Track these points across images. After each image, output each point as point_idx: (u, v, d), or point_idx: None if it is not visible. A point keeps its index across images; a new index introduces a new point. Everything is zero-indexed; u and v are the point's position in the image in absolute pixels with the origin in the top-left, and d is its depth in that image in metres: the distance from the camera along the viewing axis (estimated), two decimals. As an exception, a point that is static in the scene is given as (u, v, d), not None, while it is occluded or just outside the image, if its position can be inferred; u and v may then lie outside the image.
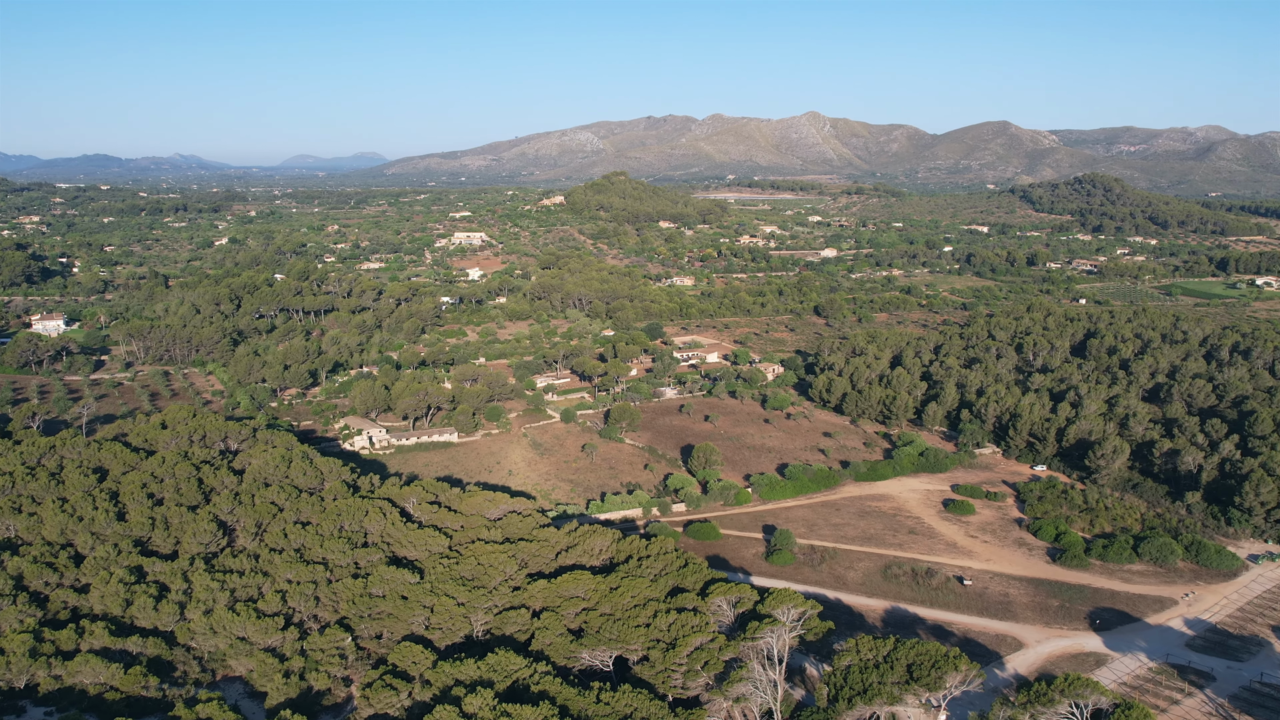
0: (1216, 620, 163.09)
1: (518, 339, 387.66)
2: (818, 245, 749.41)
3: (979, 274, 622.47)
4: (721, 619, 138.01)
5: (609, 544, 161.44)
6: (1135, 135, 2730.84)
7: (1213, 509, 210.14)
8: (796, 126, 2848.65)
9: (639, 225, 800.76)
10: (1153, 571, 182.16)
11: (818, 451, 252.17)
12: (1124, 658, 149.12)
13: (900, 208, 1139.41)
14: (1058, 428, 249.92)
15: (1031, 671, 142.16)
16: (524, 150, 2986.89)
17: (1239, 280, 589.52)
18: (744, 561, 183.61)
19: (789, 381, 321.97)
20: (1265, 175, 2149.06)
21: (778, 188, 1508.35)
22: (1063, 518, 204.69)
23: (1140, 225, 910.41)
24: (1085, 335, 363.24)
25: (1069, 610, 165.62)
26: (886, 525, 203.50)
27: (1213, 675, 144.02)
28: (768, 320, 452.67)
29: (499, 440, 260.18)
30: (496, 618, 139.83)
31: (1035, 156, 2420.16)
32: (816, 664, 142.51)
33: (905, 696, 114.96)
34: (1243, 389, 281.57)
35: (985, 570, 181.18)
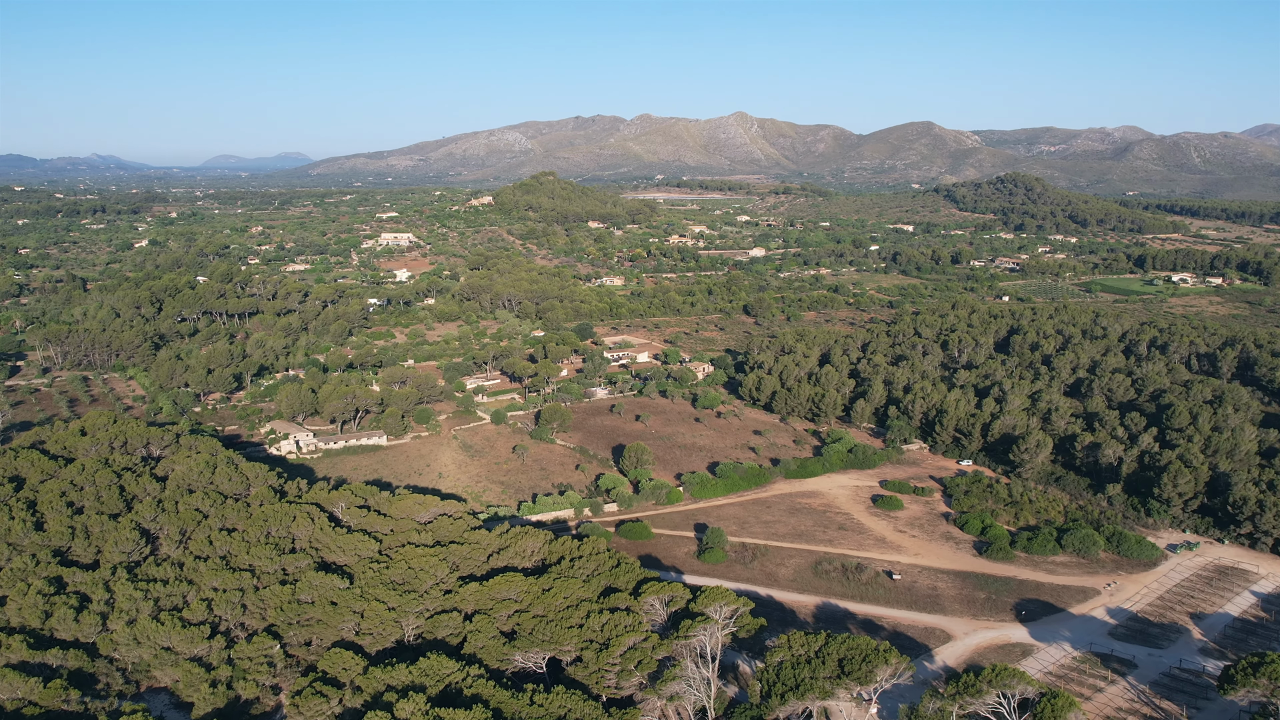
0: (1137, 609, 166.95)
1: (447, 340, 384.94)
2: (746, 245, 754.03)
3: (905, 272, 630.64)
4: (654, 618, 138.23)
5: (541, 545, 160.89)
6: (1055, 135, 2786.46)
7: (1133, 500, 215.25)
8: (724, 127, 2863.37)
9: (568, 225, 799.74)
10: (1076, 562, 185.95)
11: (748, 450, 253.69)
12: (1049, 648, 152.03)
13: (827, 207, 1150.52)
14: (983, 423, 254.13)
15: (960, 663, 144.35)
16: (452, 150, 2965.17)
17: (1156, 277, 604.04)
18: (676, 560, 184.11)
19: (719, 380, 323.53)
20: (1180, 175, 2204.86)
21: (706, 188, 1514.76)
22: (988, 511, 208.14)
23: (1061, 224, 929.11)
24: (1009, 332, 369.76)
25: (995, 602, 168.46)
26: (817, 522, 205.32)
27: (1134, 663, 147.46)
28: (697, 319, 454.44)
29: (429, 443, 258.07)
30: (428, 622, 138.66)
31: (959, 156, 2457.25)
32: (749, 661, 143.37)
33: (837, 691, 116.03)
34: (1160, 383, 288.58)
35: (914, 564, 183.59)
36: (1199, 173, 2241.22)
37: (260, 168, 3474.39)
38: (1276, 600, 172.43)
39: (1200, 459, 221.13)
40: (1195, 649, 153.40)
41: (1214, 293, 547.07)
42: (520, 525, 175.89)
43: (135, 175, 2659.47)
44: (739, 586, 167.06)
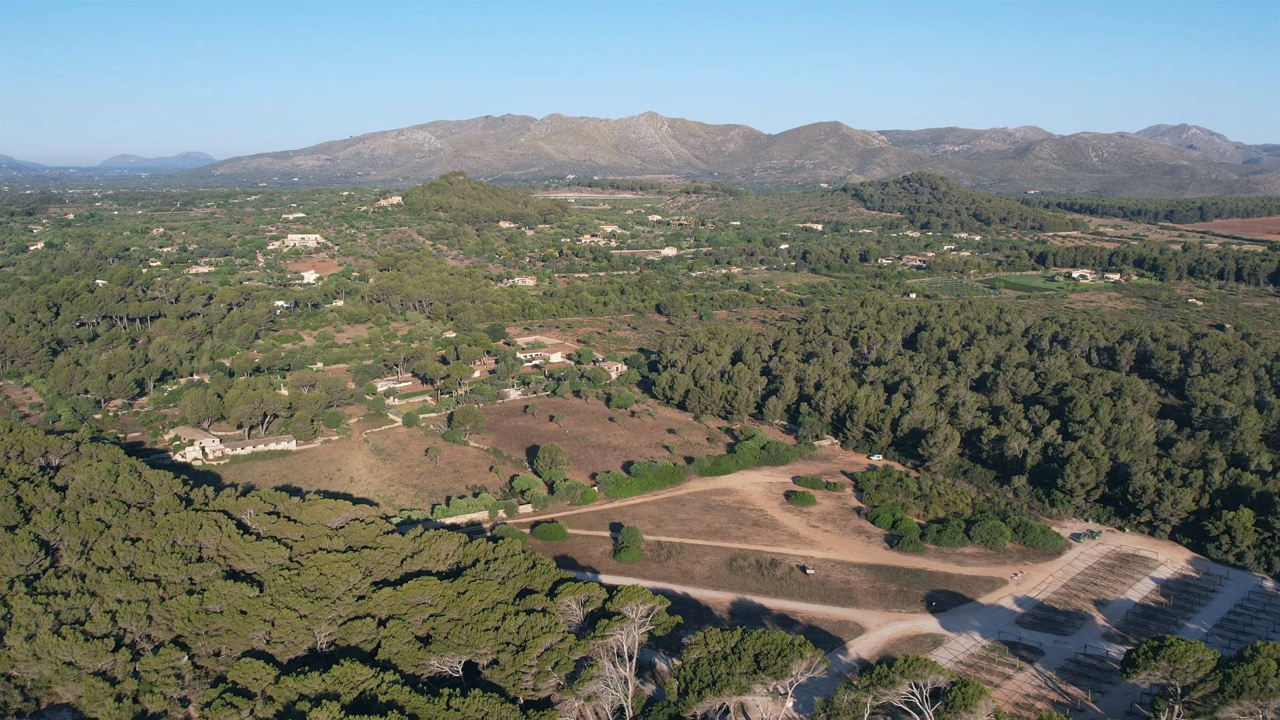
0: (1044, 597, 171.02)
1: (357, 343, 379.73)
2: (658, 244, 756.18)
3: (815, 271, 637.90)
4: (571, 619, 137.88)
5: (455, 548, 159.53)
6: (959, 135, 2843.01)
7: (1038, 491, 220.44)
8: (635, 126, 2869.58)
9: (479, 226, 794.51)
10: (984, 553, 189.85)
11: (662, 448, 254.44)
12: (959, 637, 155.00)
13: (738, 206, 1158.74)
14: (892, 418, 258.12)
15: (873, 655, 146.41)
16: (359, 150, 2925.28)
17: (1057, 273, 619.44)
18: (592, 560, 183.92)
19: (633, 380, 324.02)
20: (1079, 173, 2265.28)
21: (617, 187, 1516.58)
22: (899, 505, 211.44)
23: (965, 222, 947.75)
24: (916, 328, 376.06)
25: (907, 594, 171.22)
26: (731, 518, 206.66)
27: (1041, 650, 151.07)
28: (610, 319, 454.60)
29: (339, 447, 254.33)
30: (341, 628, 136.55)
31: (866, 156, 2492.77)
32: (666, 659, 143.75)
33: (753, 686, 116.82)
34: (1062, 376, 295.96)
35: (827, 559, 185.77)
36: (1097, 172, 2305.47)
37: (161, 168, 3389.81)
38: (1175, 585, 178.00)
39: (1101, 450, 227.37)
40: (1099, 635, 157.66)
41: (1112, 288, 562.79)
42: (434, 529, 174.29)
43: (29, 175, 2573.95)
44: (655, 585, 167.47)
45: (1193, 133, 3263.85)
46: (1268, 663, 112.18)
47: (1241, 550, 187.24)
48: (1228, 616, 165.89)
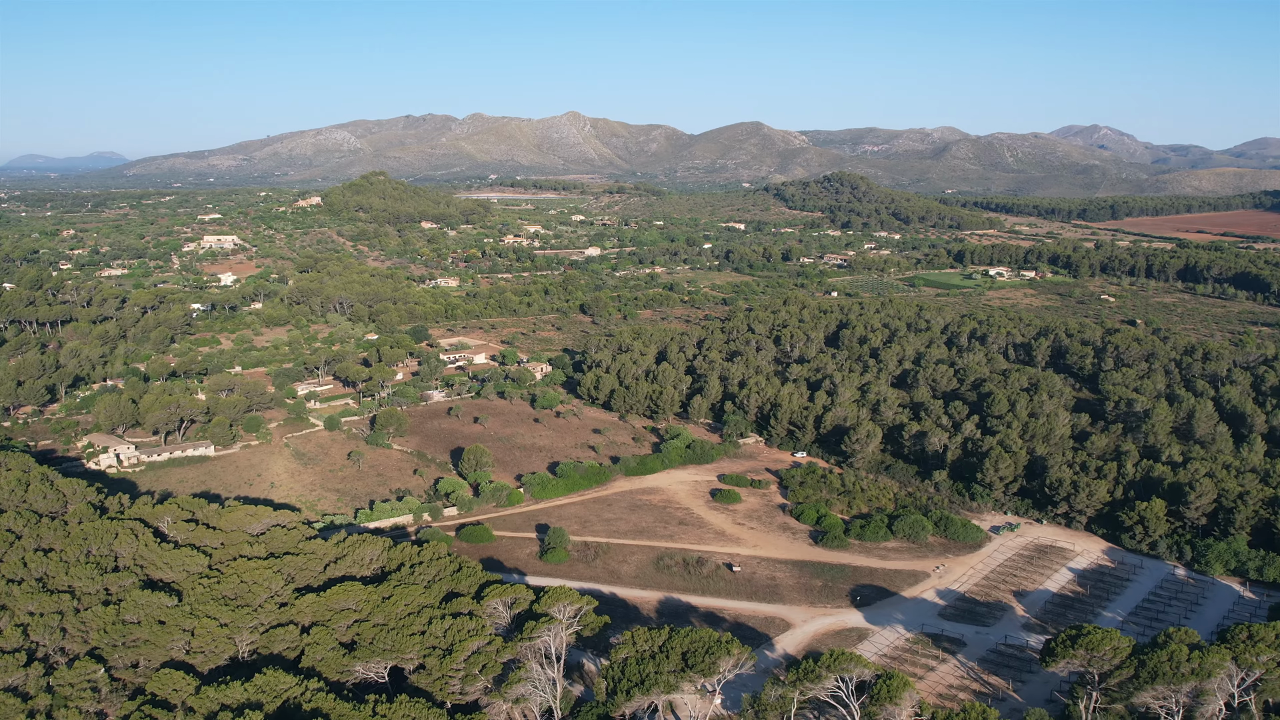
0: (965, 589, 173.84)
1: (276, 346, 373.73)
2: (582, 244, 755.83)
3: (738, 270, 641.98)
4: (498, 621, 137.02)
5: (380, 553, 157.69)
6: (878, 136, 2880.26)
7: (958, 485, 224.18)
8: (557, 126, 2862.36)
9: (400, 226, 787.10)
10: (907, 547, 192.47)
11: (588, 448, 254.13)
12: (884, 631, 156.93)
13: (661, 206, 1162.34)
14: (816, 415, 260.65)
15: (800, 650, 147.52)
16: (277, 150, 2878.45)
17: (974, 271, 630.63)
18: (519, 562, 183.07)
19: (557, 380, 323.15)
20: (994, 173, 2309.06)
21: (540, 187, 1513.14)
22: (823, 501, 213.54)
23: (885, 221, 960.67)
24: (838, 326, 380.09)
25: (832, 589, 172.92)
26: (657, 517, 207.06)
27: (963, 641, 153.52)
28: (534, 320, 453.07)
29: (259, 452, 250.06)
30: (263, 636, 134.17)
31: (787, 156, 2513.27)
32: (594, 659, 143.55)
33: (681, 684, 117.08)
34: (981, 372, 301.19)
35: (753, 556, 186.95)
36: (1012, 171, 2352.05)
37: (71, 168, 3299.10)
38: (1091, 575, 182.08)
39: (1019, 444, 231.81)
40: (1019, 625, 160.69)
41: (1028, 285, 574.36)
42: (358, 533, 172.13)
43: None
44: (582, 585, 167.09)
45: (1104, 133, 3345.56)
46: (1180, 648, 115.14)
47: (1154, 540, 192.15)
48: (1142, 604, 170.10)
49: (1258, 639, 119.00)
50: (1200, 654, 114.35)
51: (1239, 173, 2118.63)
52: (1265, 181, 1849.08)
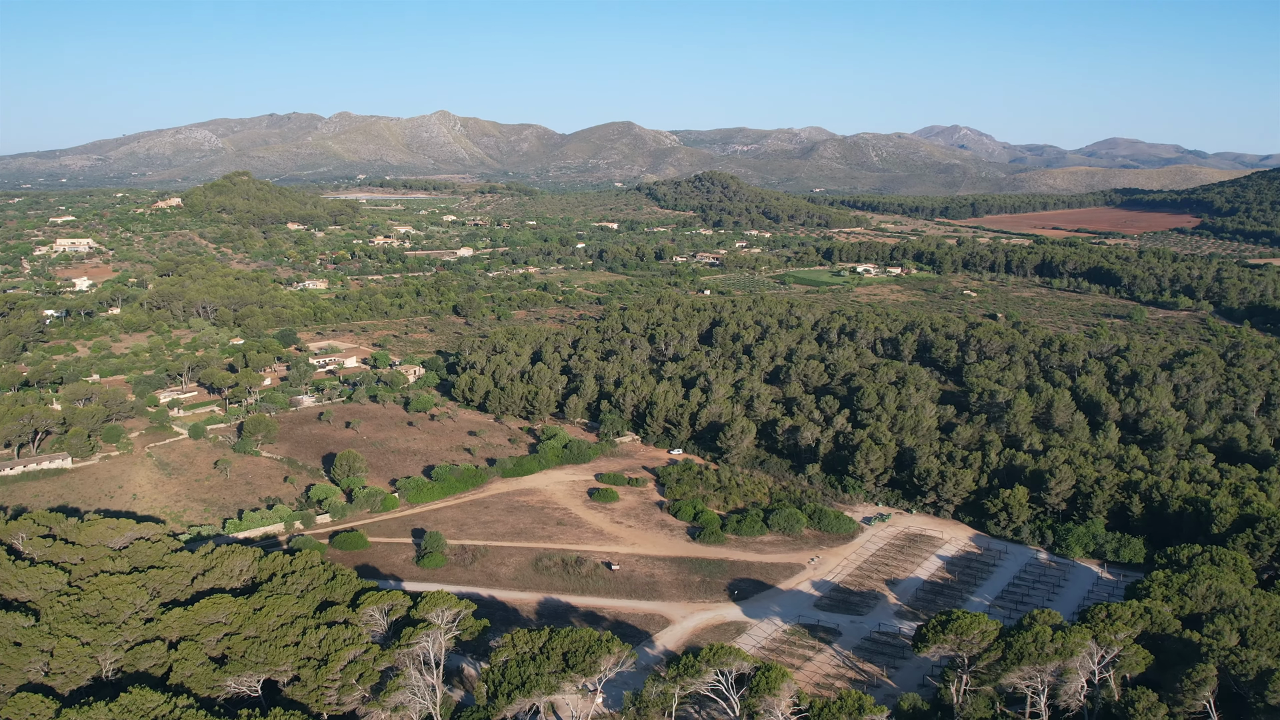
0: (839, 580, 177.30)
1: (136, 352, 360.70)
2: (454, 245, 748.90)
3: (611, 269, 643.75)
4: (375, 629, 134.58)
5: (250, 563, 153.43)
6: (748, 136, 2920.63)
7: (831, 478, 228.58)
8: (427, 126, 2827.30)
9: (266, 228, 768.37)
10: (782, 541, 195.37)
11: (464, 451, 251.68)
12: (762, 623, 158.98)
13: (533, 206, 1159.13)
14: (691, 412, 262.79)
15: (680, 646, 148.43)
16: (134, 149, 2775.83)
17: (843, 268, 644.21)
18: (395, 568, 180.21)
19: (431, 382, 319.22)
20: (860, 172, 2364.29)
21: (410, 187, 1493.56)
22: (700, 497, 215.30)
23: (756, 219, 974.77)
24: (711, 324, 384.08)
25: (710, 584, 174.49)
26: (535, 518, 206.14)
27: (839, 631, 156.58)
28: (406, 322, 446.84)
29: (120, 463, 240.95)
30: (128, 654, 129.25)
31: (659, 156, 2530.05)
32: (474, 663, 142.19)
33: (563, 685, 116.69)
34: (851, 367, 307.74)
35: (632, 554, 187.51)
36: (877, 170, 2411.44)
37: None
38: (960, 562, 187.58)
39: (888, 436, 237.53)
40: (892, 613, 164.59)
41: (894, 282, 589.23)
42: (227, 544, 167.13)
43: None
44: (461, 589, 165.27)
45: (964, 133, 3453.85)
46: (1044, 630, 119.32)
47: (1018, 525, 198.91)
48: (1007, 588, 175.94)
49: (1115, 618, 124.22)
50: (1063, 634, 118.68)
51: (1091, 171, 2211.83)
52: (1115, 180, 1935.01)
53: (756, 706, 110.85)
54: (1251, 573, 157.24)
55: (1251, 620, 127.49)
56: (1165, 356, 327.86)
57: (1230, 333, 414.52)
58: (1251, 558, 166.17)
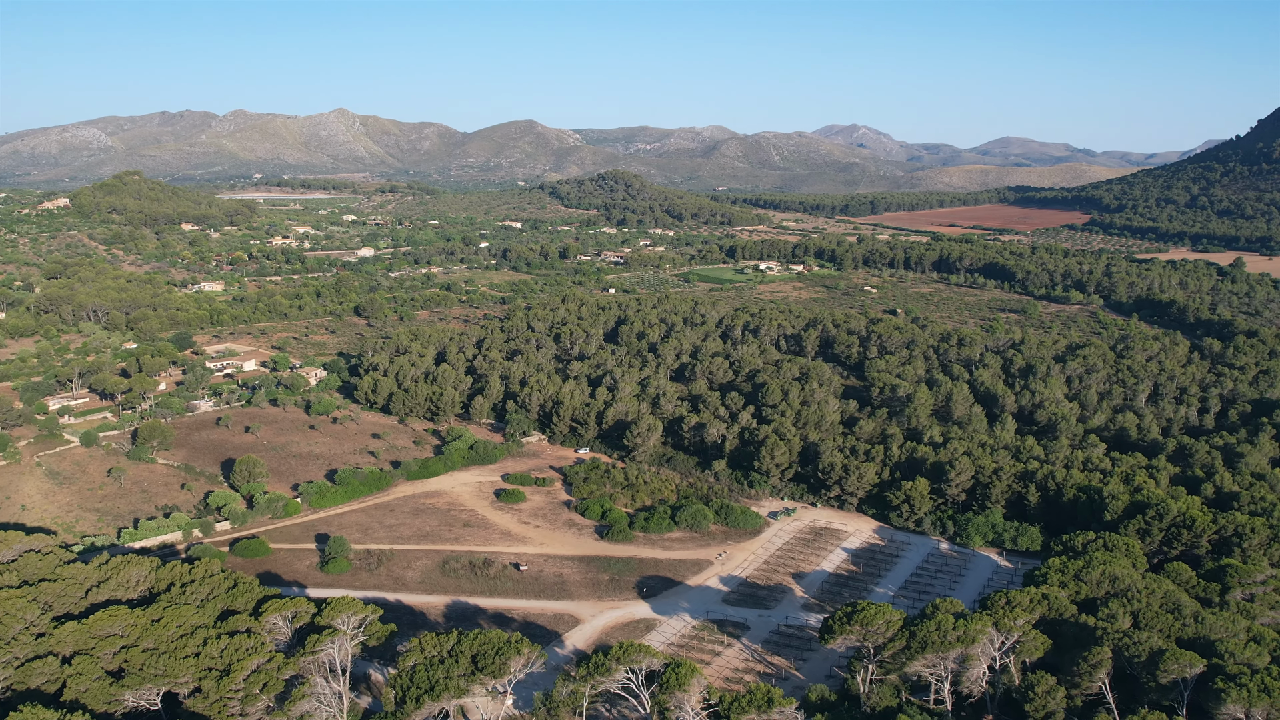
0: (747, 575, 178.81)
1: (23, 358, 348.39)
2: (354, 245, 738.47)
3: (515, 268, 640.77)
4: (279, 637, 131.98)
5: (147, 573, 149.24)
6: (651, 134, 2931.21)
7: (737, 474, 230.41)
8: (325, 124, 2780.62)
9: (159, 229, 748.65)
10: (690, 537, 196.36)
11: (368, 454, 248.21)
12: (671, 620, 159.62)
13: (436, 205, 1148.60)
14: (597, 411, 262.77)
15: (589, 645, 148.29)
16: (17, 148, 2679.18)
17: (746, 266, 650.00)
18: (298, 574, 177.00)
19: (333, 385, 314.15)
20: (762, 171, 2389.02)
21: (309, 187, 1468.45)
22: (607, 496, 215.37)
23: (659, 218, 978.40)
24: (616, 322, 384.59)
25: (619, 582, 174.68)
26: (442, 521, 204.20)
27: (747, 625, 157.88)
28: (307, 323, 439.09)
29: (7, 473, 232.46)
30: (18, 671, 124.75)
31: (562, 154, 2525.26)
32: (382, 668, 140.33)
33: (472, 687, 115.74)
34: (755, 364, 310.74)
35: (540, 554, 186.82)
36: (779, 169, 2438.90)
37: None
38: (864, 554, 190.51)
39: (793, 431, 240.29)
40: (799, 606, 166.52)
41: (797, 279, 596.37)
42: (122, 554, 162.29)
43: None
44: (367, 594, 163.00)
45: (863, 132, 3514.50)
46: (946, 618, 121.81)
47: (920, 517, 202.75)
48: (910, 578, 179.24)
49: (1015, 604, 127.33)
50: (965, 622, 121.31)
51: (985, 169, 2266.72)
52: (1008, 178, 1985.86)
53: (667, 703, 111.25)
54: (1143, 557, 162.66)
55: (1143, 603, 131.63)
56: (1058, 349, 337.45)
57: (1120, 325, 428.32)
58: (1142, 543, 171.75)
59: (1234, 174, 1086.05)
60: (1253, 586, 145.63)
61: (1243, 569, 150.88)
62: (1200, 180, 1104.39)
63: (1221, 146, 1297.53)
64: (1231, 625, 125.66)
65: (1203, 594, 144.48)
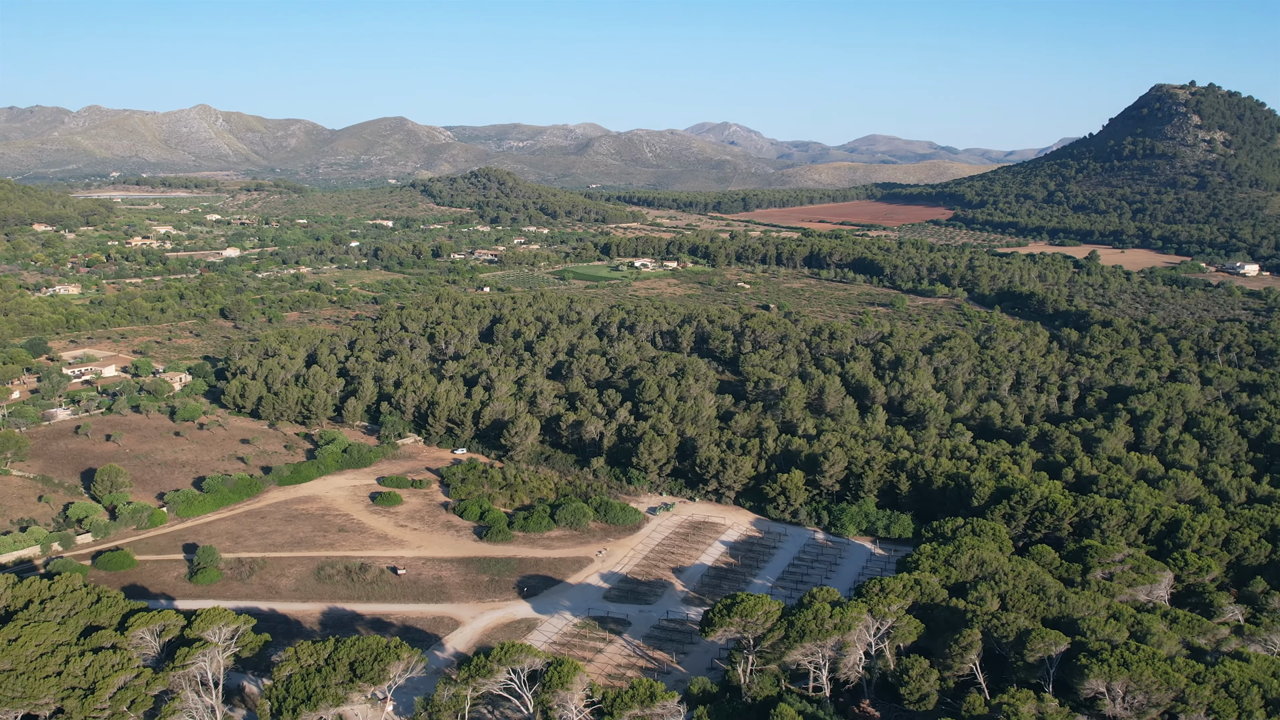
0: (627, 571, 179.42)
1: None
2: (219, 245, 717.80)
3: (387, 268, 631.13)
4: (146, 652, 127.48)
5: (2, 591, 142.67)
6: (523, 132, 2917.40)
7: (615, 471, 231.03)
8: (187, 120, 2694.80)
9: (9, 229, 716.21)
10: (570, 535, 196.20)
11: (237, 460, 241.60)
12: (552, 618, 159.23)
13: (304, 204, 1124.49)
14: (474, 411, 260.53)
15: (470, 647, 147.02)
16: None
17: (621, 263, 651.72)
18: (166, 586, 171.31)
19: (200, 390, 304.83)
20: (635, 168, 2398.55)
21: (170, 185, 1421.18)
22: (486, 496, 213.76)
23: (533, 215, 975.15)
24: (492, 321, 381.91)
25: (499, 583, 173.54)
26: (316, 526, 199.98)
27: (629, 621, 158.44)
28: (170, 327, 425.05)
29: None
30: None
31: (433, 152, 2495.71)
32: (256, 680, 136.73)
33: (351, 695, 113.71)
34: (631, 361, 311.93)
35: (418, 557, 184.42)
36: (652, 166, 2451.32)
37: None
38: (742, 546, 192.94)
39: (670, 427, 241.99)
40: (679, 600, 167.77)
41: (671, 275, 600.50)
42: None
43: None
44: (239, 604, 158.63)
45: (734, 130, 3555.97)
46: (823, 606, 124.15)
47: (796, 508, 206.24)
48: (788, 569, 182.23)
49: (888, 591, 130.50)
50: (841, 610, 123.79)
51: (853, 167, 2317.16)
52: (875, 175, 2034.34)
53: (550, 702, 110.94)
54: (1009, 541, 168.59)
55: (1010, 585, 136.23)
56: (925, 341, 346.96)
57: (983, 317, 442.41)
58: (1008, 527, 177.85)
59: (1088, 171, 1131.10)
60: (1111, 565, 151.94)
61: (1102, 549, 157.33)
62: (1057, 177, 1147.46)
63: (1076, 144, 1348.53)
64: (1093, 604, 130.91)
65: (1066, 574, 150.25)
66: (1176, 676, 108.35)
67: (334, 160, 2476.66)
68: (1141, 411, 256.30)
